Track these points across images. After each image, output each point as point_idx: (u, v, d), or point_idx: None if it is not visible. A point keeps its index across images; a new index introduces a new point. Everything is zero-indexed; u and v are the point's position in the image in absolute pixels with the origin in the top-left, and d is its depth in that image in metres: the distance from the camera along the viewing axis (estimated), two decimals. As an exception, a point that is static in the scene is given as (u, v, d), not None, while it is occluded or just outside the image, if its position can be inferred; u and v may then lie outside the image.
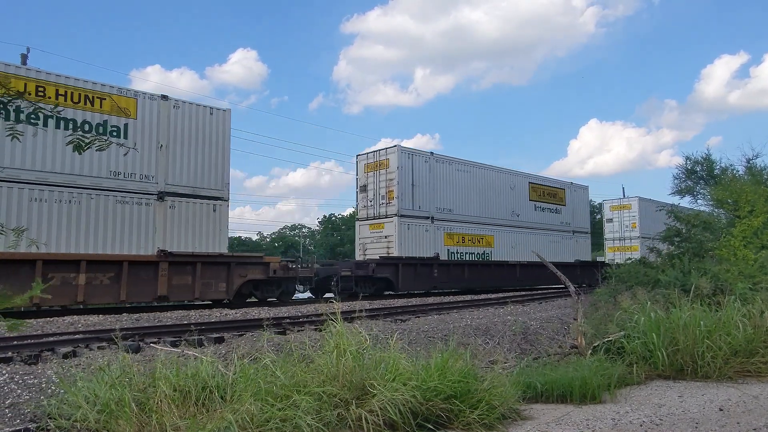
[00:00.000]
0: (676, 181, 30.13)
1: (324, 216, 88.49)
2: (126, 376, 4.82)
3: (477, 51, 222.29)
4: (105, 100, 13.77)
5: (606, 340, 7.68)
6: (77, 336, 8.57)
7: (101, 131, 13.53)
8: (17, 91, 4.66)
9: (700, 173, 29.03)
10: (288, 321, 10.67)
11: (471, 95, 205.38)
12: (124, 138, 13.88)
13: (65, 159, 13.02)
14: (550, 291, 23.35)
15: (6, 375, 5.86)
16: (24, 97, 4.68)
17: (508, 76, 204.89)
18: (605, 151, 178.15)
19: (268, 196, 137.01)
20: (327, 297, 19.47)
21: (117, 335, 5.86)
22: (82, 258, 12.74)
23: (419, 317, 12.15)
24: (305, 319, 11.01)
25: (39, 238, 11.84)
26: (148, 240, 14.05)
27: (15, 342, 7.82)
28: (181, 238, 14.65)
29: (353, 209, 22.76)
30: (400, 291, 19.94)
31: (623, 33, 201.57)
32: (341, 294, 17.99)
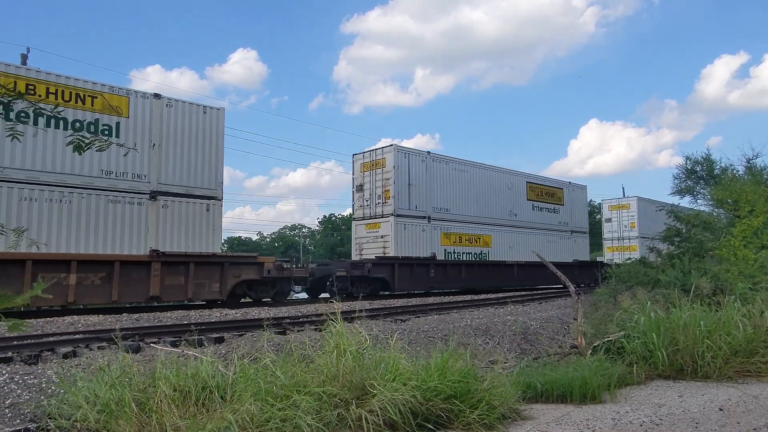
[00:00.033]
0: (676, 181, 30.18)
1: (324, 216, 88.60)
2: (126, 376, 4.82)
3: (477, 51, 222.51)
4: (96, 98, 13.56)
5: (606, 340, 7.68)
6: (77, 336, 8.57)
7: (92, 130, 13.30)
8: (18, 92, 4.64)
9: (700, 173, 29.06)
10: (288, 321, 10.67)
11: (471, 95, 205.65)
12: (116, 137, 13.68)
13: (56, 158, 12.82)
14: (550, 291, 23.34)
15: (6, 375, 5.85)
16: (23, 98, 4.66)
17: (508, 76, 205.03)
18: (605, 151, 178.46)
19: (268, 196, 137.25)
20: (322, 297, 19.42)
21: (117, 335, 5.87)
22: (72, 258, 12.58)
23: (419, 317, 12.14)
24: (305, 319, 11.00)
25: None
26: (140, 240, 13.90)
27: (15, 342, 7.82)
28: (174, 237, 14.50)
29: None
30: (396, 291, 19.69)
31: (623, 33, 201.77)
32: (337, 294, 17.77)
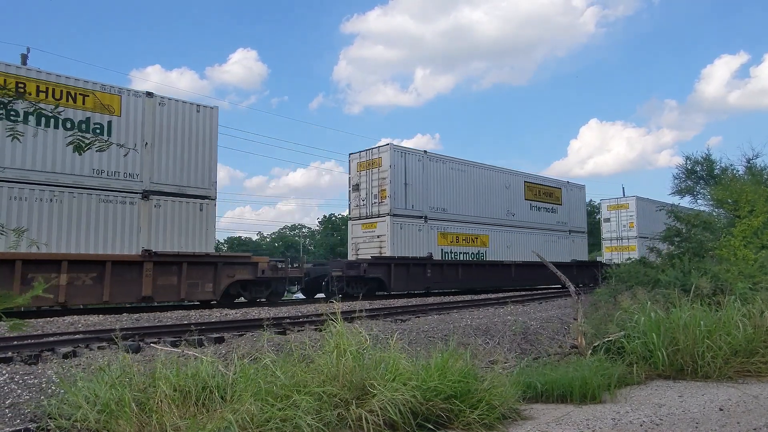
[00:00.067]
0: (676, 181, 30.24)
1: (324, 216, 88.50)
2: (126, 376, 4.82)
3: (477, 51, 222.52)
4: (88, 96, 13.41)
5: (606, 340, 7.68)
6: (77, 336, 8.57)
7: (84, 128, 13.15)
8: (18, 92, 4.65)
9: (700, 173, 29.10)
10: (288, 321, 10.67)
11: (471, 95, 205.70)
12: (108, 136, 13.52)
13: (46, 157, 12.68)
14: (549, 291, 23.34)
15: (6, 375, 5.86)
16: (23, 98, 4.67)
17: (508, 76, 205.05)
18: (605, 151, 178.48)
19: (268, 196, 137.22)
20: (318, 297, 19.31)
21: (117, 335, 5.87)
22: (63, 258, 12.44)
23: (419, 317, 12.15)
24: (305, 319, 11.01)
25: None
26: (132, 239, 13.78)
27: (15, 342, 7.82)
28: (167, 237, 14.37)
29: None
30: (392, 291, 19.48)
31: (623, 33, 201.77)
32: (332, 294, 17.59)
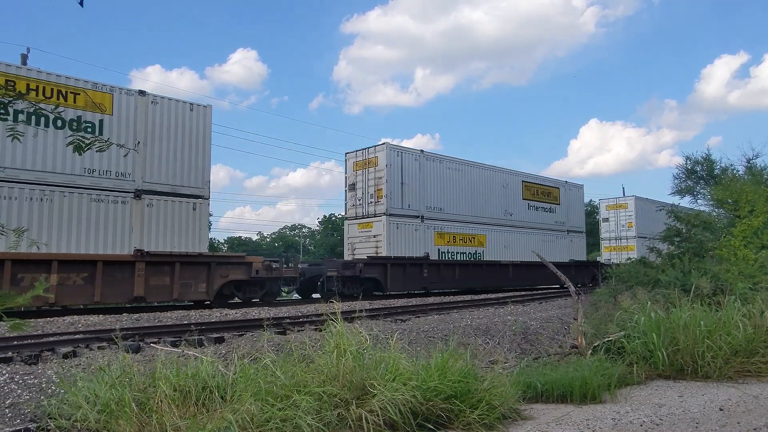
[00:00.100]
0: (676, 181, 30.31)
1: (324, 216, 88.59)
2: (126, 376, 4.82)
3: (477, 51, 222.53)
4: (79, 95, 13.31)
5: (606, 340, 7.68)
6: (77, 336, 8.57)
7: (75, 127, 13.04)
8: (18, 92, 4.64)
9: (700, 173, 29.15)
10: (288, 321, 10.68)
11: (471, 95, 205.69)
12: (99, 134, 13.26)
13: (36, 155, 12.59)
14: (549, 291, 23.34)
15: (6, 375, 5.86)
16: (23, 98, 4.65)
17: (508, 76, 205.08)
18: (605, 151, 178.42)
19: (268, 196, 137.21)
20: (314, 297, 19.22)
21: (117, 335, 5.87)
22: (53, 258, 12.32)
23: (419, 317, 12.15)
24: (305, 319, 11.01)
25: (8, 237, 11.61)
26: (124, 239, 13.69)
27: (15, 342, 7.83)
28: (159, 237, 14.29)
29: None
30: (388, 292, 19.33)
31: (623, 33, 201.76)
32: (328, 295, 17.46)
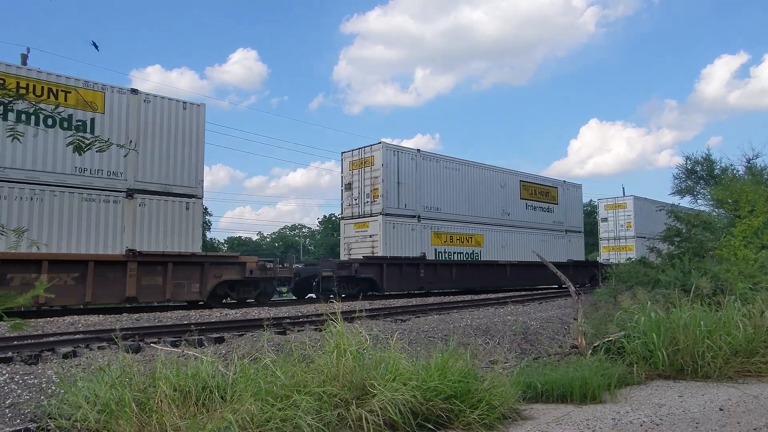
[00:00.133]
0: (676, 181, 30.31)
1: (324, 216, 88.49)
2: (126, 376, 4.82)
3: (477, 51, 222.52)
4: (70, 93, 13.14)
5: (606, 340, 7.68)
6: (77, 336, 8.57)
7: (65, 126, 12.91)
8: (18, 92, 4.65)
9: (700, 173, 29.15)
10: (288, 321, 10.67)
11: (471, 95, 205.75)
12: (90, 133, 13.08)
13: (26, 154, 12.42)
14: (549, 291, 23.34)
15: (6, 375, 5.86)
16: (23, 98, 4.66)
17: (508, 76, 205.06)
18: (605, 151, 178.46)
19: (268, 196, 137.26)
20: (309, 297, 19.12)
21: (117, 335, 5.87)
22: (43, 258, 12.12)
23: (419, 317, 12.15)
24: (305, 319, 11.01)
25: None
26: (116, 239, 13.53)
27: (15, 342, 7.82)
28: (152, 237, 14.13)
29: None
30: (384, 292, 19.13)
31: (623, 33, 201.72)
32: (323, 295, 17.34)
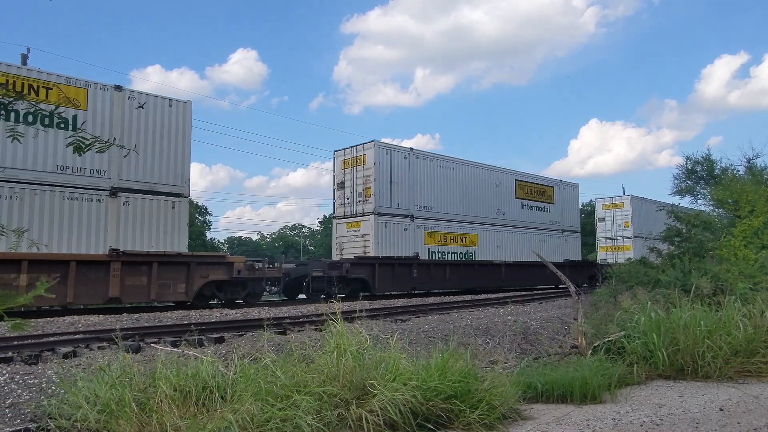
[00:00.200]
0: (676, 181, 30.25)
1: (324, 216, 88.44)
2: (126, 376, 4.82)
3: (477, 51, 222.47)
4: (51, 89, 13.00)
5: (606, 340, 7.68)
6: (77, 336, 8.57)
7: (47, 123, 12.72)
8: (18, 92, 4.64)
9: (700, 173, 29.12)
10: (288, 321, 10.68)
11: (471, 95, 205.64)
12: (72, 130, 12.87)
13: (6, 151, 12.31)
14: (549, 291, 23.34)
15: (6, 375, 5.86)
16: (23, 98, 4.65)
17: (508, 76, 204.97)
18: (605, 151, 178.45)
19: (268, 196, 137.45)
20: (299, 298, 18.97)
21: (117, 335, 5.86)
22: (23, 258, 11.89)
23: (419, 317, 12.16)
24: (305, 319, 11.02)
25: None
26: (99, 238, 13.36)
27: (15, 342, 7.83)
28: (136, 236, 13.97)
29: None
30: (376, 292, 18.86)
31: (623, 33, 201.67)
32: (313, 295, 17.25)
